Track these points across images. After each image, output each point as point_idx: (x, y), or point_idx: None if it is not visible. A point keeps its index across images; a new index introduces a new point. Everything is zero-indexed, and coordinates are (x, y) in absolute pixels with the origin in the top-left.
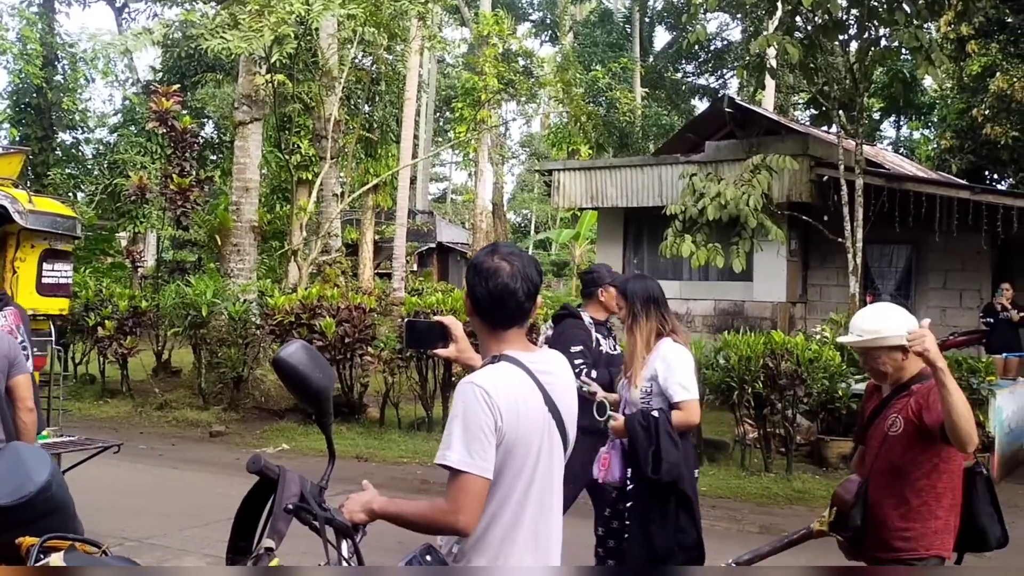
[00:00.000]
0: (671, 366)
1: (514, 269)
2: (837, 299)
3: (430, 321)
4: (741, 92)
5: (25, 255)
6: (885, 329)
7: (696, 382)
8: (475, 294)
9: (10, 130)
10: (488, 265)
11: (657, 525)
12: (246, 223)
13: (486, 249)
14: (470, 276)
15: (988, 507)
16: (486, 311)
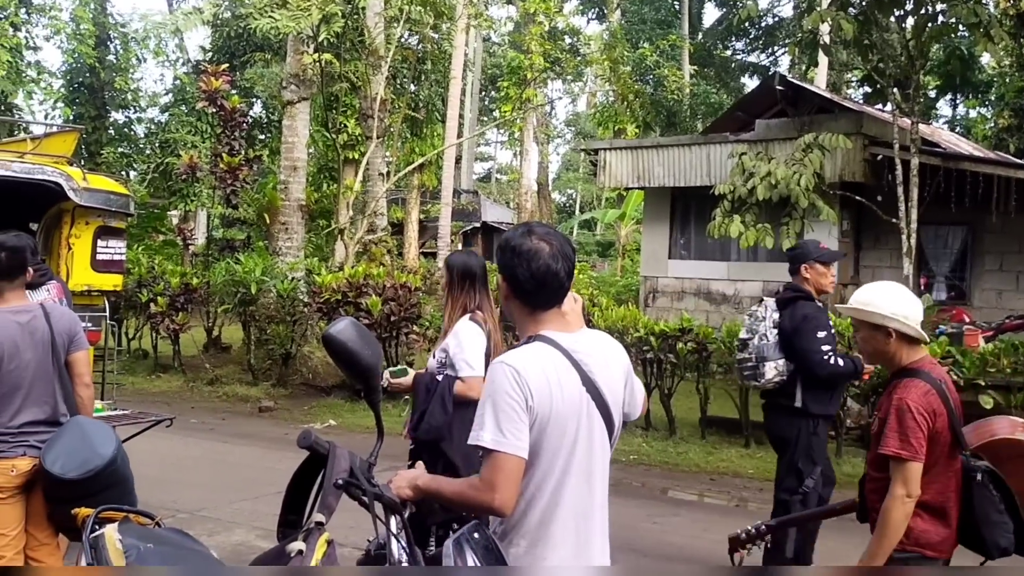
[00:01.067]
0: (461, 343)
1: (554, 249)
2: (890, 280)
3: None
4: (793, 70)
5: (80, 232)
6: (871, 304)
7: (483, 361)
8: (516, 276)
9: (64, 109)
10: (528, 247)
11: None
12: (294, 202)
13: (520, 230)
14: (508, 258)
15: (994, 514)
16: (528, 293)
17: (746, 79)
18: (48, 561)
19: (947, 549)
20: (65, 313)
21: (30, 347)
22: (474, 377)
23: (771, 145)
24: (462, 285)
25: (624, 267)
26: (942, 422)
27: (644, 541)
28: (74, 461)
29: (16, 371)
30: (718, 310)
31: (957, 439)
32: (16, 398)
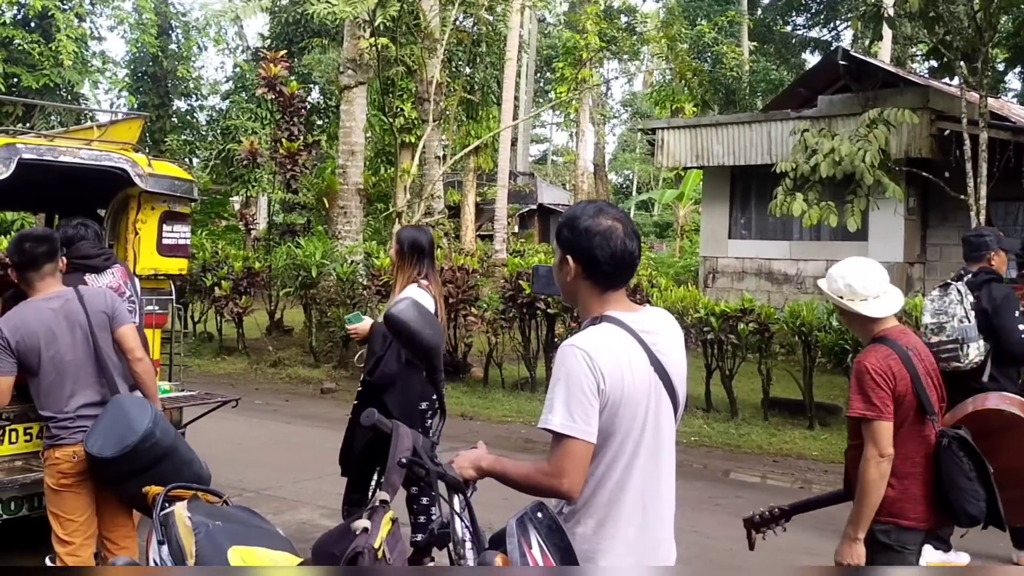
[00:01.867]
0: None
1: (627, 228)
2: (958, 259)
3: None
4: (856, 44)
5: (146, 217)
6: (823, 283)
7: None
8: (594, 257)
9: (128, 98)
10: (604, 226)
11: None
12: (352, 186)
13: (589, 209)
14: (583, 239)
15: (962, 479)
16: (605, 274)
17: (807, 55)
18: (123, 542)
19: (923, 518)
20: (99, 293)
21: (66, 331)
22: None
23: (834, 121)
24: (412, 257)
25: (683, 248)
26: (904, 385)
27: (707, 522)
28: (111, 439)
29: (57, 357)
30: (780, 290)
31: (923, 405)
32: (65, 384)
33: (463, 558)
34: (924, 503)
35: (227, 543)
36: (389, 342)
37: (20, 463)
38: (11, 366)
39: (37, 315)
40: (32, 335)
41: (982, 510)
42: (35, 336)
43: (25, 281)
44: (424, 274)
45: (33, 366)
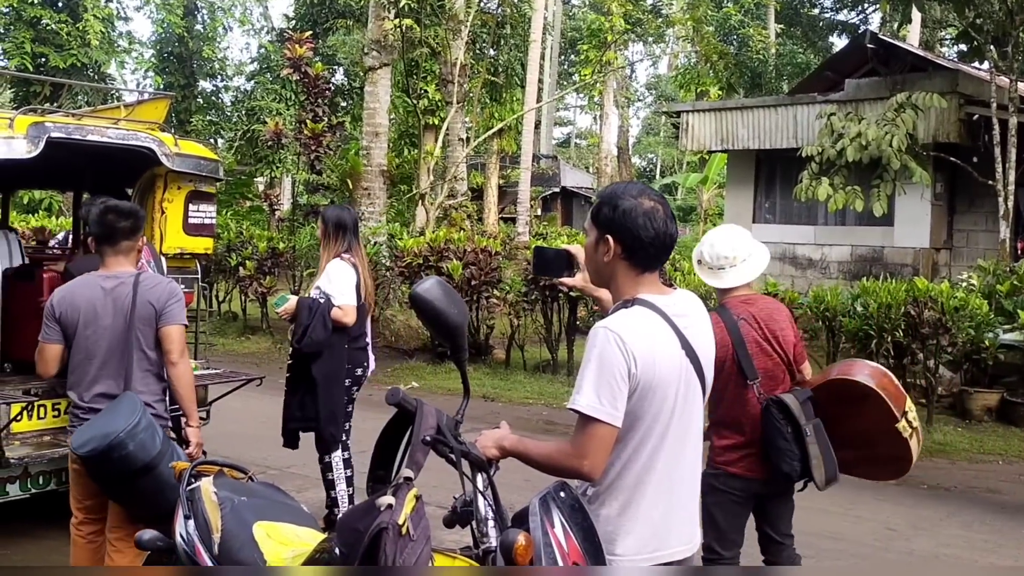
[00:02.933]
0: (332, 278)
1: (667, 210)
2: (985, 245)
3: (558, 249)
4: (884, 27)
5: (172, 196)
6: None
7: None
8: (638, 237)
9: (155, 78)
10: (648, 207)
11: (290, 393)
12: (376, 167)
13: (633, 190)
14: (627, 219)
15: (779, 440)
16: (645, 255)
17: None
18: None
19: (750, 467)
20: (159, 284)
21: (110, 314)
22: (348, 305)
23: (861, 105)
24: (336, 235)
25: (706, 232)
26: (723, 352)
27: None
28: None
29: (92, 338)
30: (804, 275)
31: (743, 371)
32: (91, 367)
33: (486, 536)
34: (750, 457)
35: (252, 518)
36: (314, 312)
37: (48, 438)
38: (57, 335)
39: (87, 291)
40: (75, 309)
41: (795, 469)
42: (77, 311)
43: (100, 254)
44: (348, 248)
45: (68, 340)
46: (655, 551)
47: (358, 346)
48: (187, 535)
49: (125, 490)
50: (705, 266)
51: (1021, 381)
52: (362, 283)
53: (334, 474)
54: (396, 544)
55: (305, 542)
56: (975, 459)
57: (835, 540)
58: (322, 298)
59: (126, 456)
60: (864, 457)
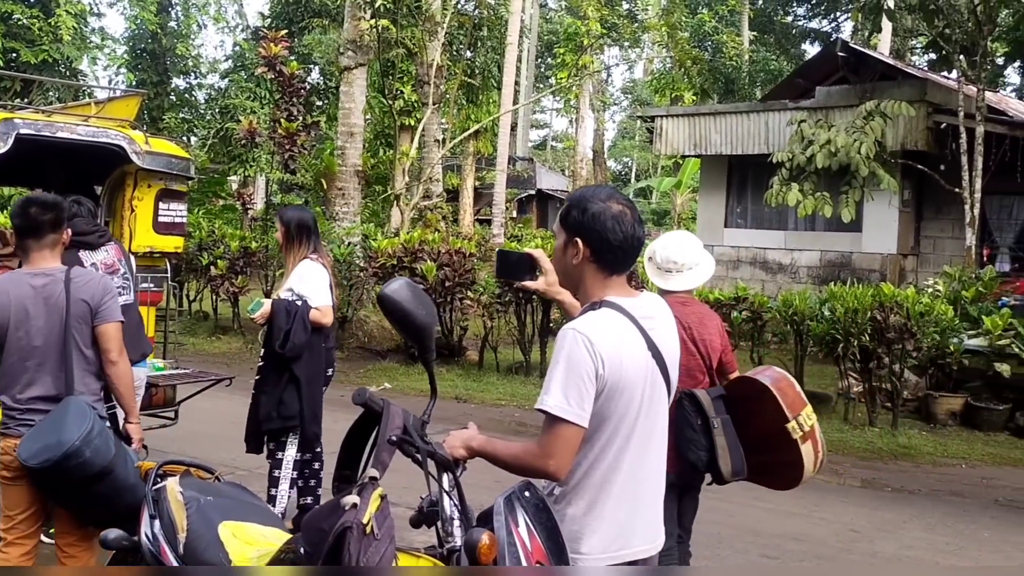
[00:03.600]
0: (306, 280)
1: (635, 214)
2: (952, 252)
3: (520, 252)
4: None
5: (142, 195)
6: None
7: (329, 293)
8: (606, 240)
9: (127, 75)
10: (616, 210)
11: (267, 395)
12: (351, 167)
13: (602, 193)
14: (595, 221)
15: (688, 430)
16: (613, 258)
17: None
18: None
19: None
20: (91, 281)
21: (43, 314)
22: (325, 305)
23: (831, 112)
24: (300, 237)
25: None
26: None
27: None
28: (39, 448)
29: (25, 339)
30: (774, 279)
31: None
32: (26, 368)
33: (451, 535)
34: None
35: (218, 518)
36: (293, 316)
37: None
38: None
39: (15, 290)
40: (3, 309)
41: (701, 459)
42: (6, 311)
43: (23, 249)
44: (315, 249)
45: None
46: (619, 550)
47: (327, 346)
48: (152, 535)
49: (79, 497)
50: (654, 264)
51: (985, 386)
52: (332, 283)
53: (281, 472)
54: (360, 543)
55: (271, 542)
56: (939, 462)
57: (799, 541)
58: (296, 300)
59: (83, 464)
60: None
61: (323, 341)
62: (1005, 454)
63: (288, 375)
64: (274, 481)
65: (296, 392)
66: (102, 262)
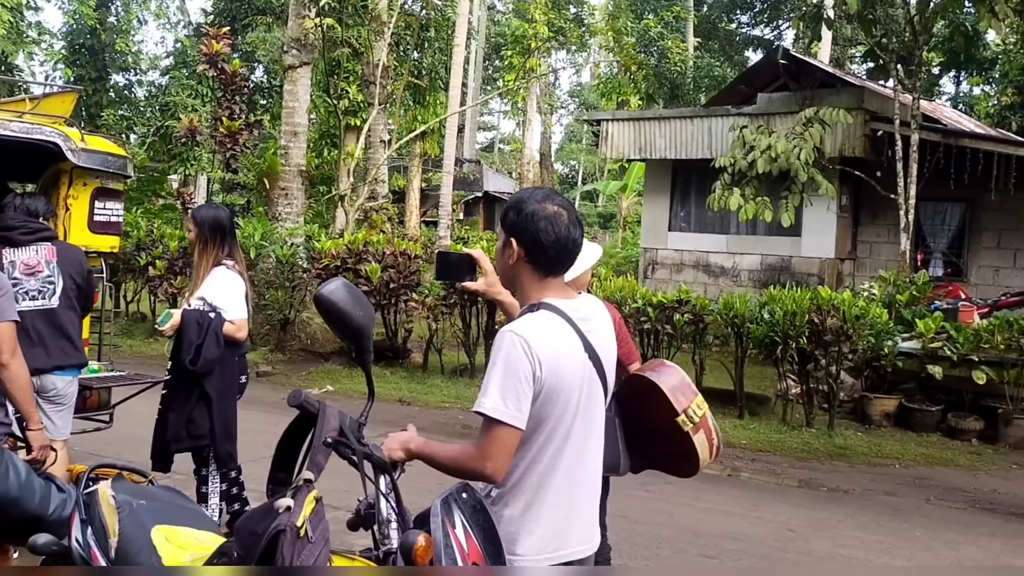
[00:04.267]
0: (221, 289)
1: (572, 216)
2: (887, 256)
3: (460, 253)
4: (796, 44)
5: (77, 193)
6: None
7: (245, 304)
8: (539, 241)
9: (64, 70)
10: (551, 211)
11: (175, 412)
12: (294, 167)
13: (538, 195)
14: (530, 223)
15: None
16: (547, 259)
17: (750, 52)
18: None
19: None
20: None
21: None
22: (240, 319)
23: (772, 119)
24: (214, 238)
25: (625, 239)
26: None
27: (636, 508)
28: None
29: None
30: (716, 282)
31: None
32: None
33: (387, 538)
34: None
35: (151, 522)
36: (205, 329)
37: None
38: None
39: None
40: None
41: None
42: None
43: None
44: (229, 253)
45: None
46: (556, 551)
47: (241, 352)
48: (83, 540)
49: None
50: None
51: (918, 388)
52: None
53: (209, 487)
54: (294, 546)
55: (205, 546)
56: (874, 463)
57: (736, 541)
58: (208, 310)
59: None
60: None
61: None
62: (937, 454)
63: (198, 392)
64: (202, 497)
65: (207, 410)
66: (23, 261)
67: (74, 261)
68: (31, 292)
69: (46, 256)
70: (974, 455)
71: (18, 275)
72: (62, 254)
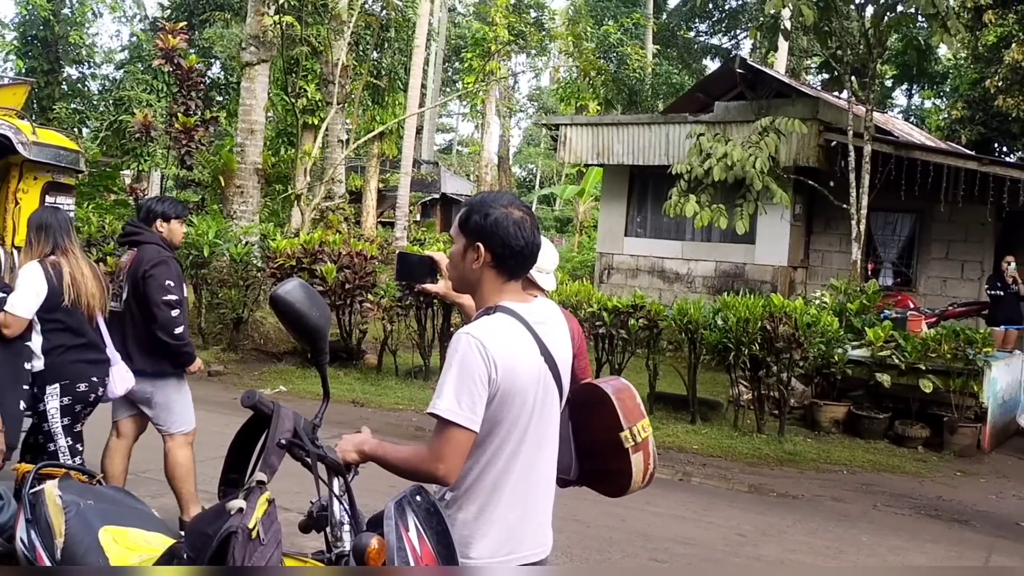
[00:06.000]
0: (19, 283)
1: (533, 221)
2: (839, 265)
3: (421, 255)
4: (753, 54)
5: (28, 187)
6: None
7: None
8: (507, 245)
9: (16, 62)
10: (517, 216)
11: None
12: (250, 165)
13: (504, 199)
14: (496, 227)
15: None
16: (513, 264)
17: (708, 61)
18: None
19: None
20: None
21: None
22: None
23: (729, 127)
24: (38, 237)
25: (581, 243)
26: None
27: (588, 512)
28: None
29: None
30: (671, 288)
31: None
32: None
33: (340, 540)
34: None
35: (99, 523)
36: None
37: None
38: None
39: None
40: None
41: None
42: None
43: None
44: (53, 249)
45: None
46: (509, 554)
47: (83, 358)
48: (28, 540)
49: None
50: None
51: (867, 395)
52: (68, 287)
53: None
54: (245, 548)
55: (154, 547)
56: (822, 468)
57: (687, 545)
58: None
59: None
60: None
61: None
62: (884, 461)
63: None
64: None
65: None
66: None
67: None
68: (114, 294)
69: (127, 261)
70: (920, 462)
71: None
72: (136, 260)
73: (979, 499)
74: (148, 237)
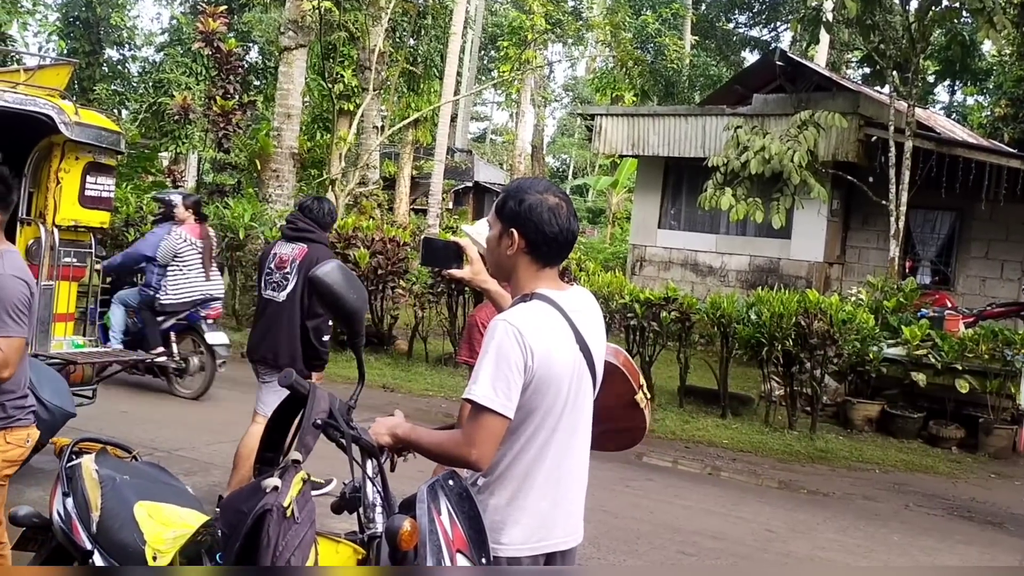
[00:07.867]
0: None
1: (571, 208)
2: (876, 262)
3: (446, 240)
4: (794, 46)
5: (69, 167)
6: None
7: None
8: (542, 232)
9: (59, 42)
10: (553, 202)
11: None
12: (286, 149)
13: (539, 186)
14: (532, 213)
15: None
16: (548, 250)
17: (746, 53)
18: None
19: None
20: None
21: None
22: None
23: (767, 120)
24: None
25: (613, 235)
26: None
27: (616, 503)
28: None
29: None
30: (704, 281)
31: None
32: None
33: (372, 522)
34: None
35: (134, 498)
36: None
37: None
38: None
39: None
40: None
41: None
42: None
43: None
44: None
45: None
46: (540, 541)
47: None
48: (64, 513)
49: None
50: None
51: (901, 394)
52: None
53: None
54: (280, 526)
55: (188, 523)
56: (854, 467)
57: (717, 539)
58: None
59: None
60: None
61: None
62: (917, 461)
63: None
64: None
65: None
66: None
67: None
68: (271, 283)
69: (296, 255)
70: (954, 463)
71: (271, 266)
72: (308, 257)
73: (1014, 502)
74: (319, 236)
